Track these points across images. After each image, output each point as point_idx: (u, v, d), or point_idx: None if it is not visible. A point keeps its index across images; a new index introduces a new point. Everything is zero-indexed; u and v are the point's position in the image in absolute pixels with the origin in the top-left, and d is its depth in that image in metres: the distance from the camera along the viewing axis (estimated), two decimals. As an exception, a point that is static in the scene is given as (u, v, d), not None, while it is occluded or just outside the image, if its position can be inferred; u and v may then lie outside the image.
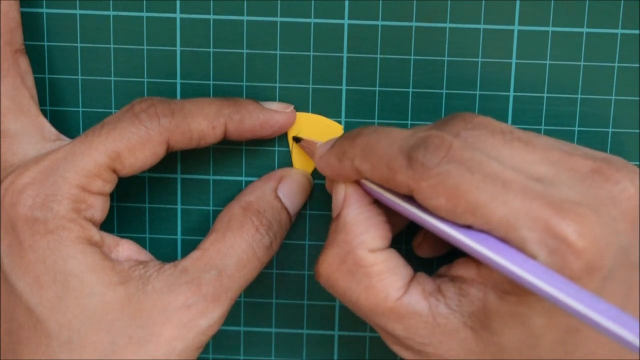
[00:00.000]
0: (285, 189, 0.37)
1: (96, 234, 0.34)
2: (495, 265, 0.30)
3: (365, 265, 0.33)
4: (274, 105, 0.37)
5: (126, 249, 0.35)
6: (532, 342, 0.32)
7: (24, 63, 0.36)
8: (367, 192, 0.34)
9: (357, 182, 0.34)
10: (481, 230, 0.31)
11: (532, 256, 0.30)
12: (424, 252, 0.39)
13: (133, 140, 0.34)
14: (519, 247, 0.30)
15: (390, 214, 0.34)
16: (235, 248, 0.35)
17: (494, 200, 0.30)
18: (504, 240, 0.30)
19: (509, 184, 0.30)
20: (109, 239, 0.35)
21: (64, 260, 0.33)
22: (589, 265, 0.30)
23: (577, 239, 0.29)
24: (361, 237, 0.33)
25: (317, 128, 0.38)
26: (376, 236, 0.33)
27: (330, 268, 0.33)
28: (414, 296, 0.33)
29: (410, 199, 0.32)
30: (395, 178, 0.31)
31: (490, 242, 0.30)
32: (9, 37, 0.36)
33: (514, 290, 0.31)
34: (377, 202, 0.34)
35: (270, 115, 0.37)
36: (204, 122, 0.35)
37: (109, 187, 0.34)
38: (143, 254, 0.35)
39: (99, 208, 0.34)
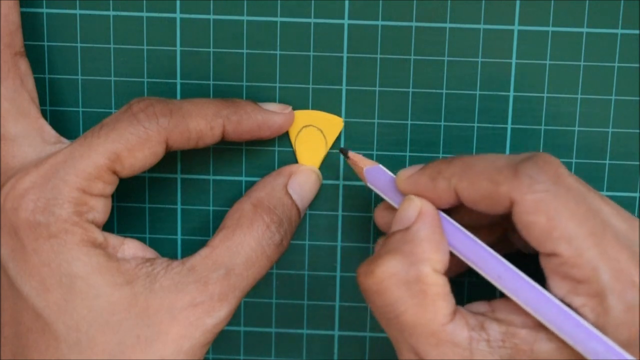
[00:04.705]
0: (295, 184, 0.37)
1: (99, 236, 0.34)
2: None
3: (425, 283, 0.32)
4: (273, 107, 0.37)
5: (132, 247, 0.35)
6: None
7: (24, 65, 0.36)
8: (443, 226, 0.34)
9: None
10: (558, 265, 0.31)
11: (608, 308, 0.30)
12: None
13: (132, 141, 0.34)
14: (596, 292, 0.30)
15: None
16: (245, 246, 0.35)
17: (592, 237, 0.30)
18: (579, 280, 0.30)
19: (606, 226, 0.31)
20: (113, 238, 0.35)
21: (69, 263, 0.33)
22: None
23: None
24: (430, 254, 0.33)
25: (318, 123, 0.38)
26: (442, 260, 0.33)
27: (388, 273, 0.32)
28: (459, 327, 0.32)
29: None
30: (498, 190, 0.31)
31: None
32: (8, 40, 0.36)
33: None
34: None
35: (269, 116, 0.37)
36: (202, 122, 0.35)
37: (109, 189, 0.34)
38: (149, 252, 0.35)
39: (100, 210, 0.34)
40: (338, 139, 0.39)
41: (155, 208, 0.40)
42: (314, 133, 0.38)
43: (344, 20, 0.38)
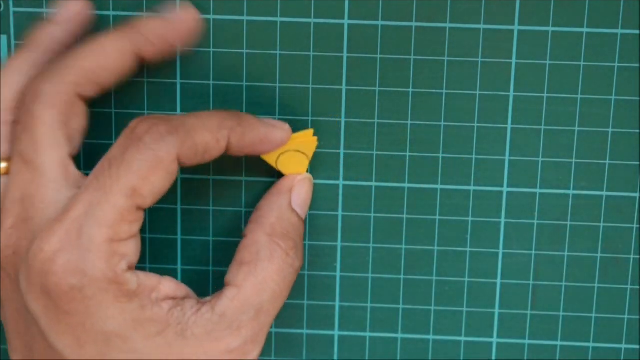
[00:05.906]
0: (298, 199, 0.37)
1: (133, 284, 0.32)
2: None
3: None
4: (271, 122, 0.37)
5: (166, 287, 0.34)
6: None
7: (79, 107, 0.35)
8: None
9: None
10: None
11: None
12: None
13: (144, 168, 0.32)
14: None
15: None
16: (269, 282, 0.35)
17: None
18: None
19: None
20: (149, 280, 0.33)
21: (104, 322, 0.32)
22: None
23: None
24: None
25: (293, 146, 0.37)
26: None
27: None
28: None
29: None
30: None
31: None
32: (76, 80, 0.35)
33: None
34: None
35: (271, 130, 0.36)
36: (208, 135, 0.34)
37: (136, 227, 0.33)
38: (180, 290, 0.34)
39: (132, 252, 0.33)
40: (335, 140, 0.39)
41: (155, 208, 0.40)
42: (293, 154, 0.38)
43: (344, 20, 0.38)
